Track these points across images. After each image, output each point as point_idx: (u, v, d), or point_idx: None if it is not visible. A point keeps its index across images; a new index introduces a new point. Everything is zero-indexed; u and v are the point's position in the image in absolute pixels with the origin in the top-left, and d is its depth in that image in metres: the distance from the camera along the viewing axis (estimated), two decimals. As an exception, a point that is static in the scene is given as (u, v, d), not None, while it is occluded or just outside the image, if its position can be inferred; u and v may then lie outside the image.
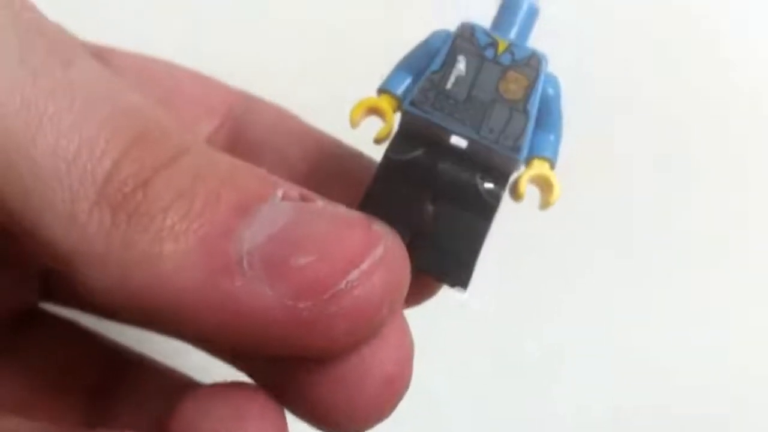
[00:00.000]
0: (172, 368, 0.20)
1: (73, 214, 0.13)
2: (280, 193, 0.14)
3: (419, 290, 0.16)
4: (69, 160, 0.13)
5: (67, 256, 0.13)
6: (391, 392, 0.15)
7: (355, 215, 0.14)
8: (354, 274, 0.13)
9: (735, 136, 0.33)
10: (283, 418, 0.15)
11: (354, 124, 0.16)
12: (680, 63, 0.34)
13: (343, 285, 0.13)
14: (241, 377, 0.17)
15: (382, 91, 0.16)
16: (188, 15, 0.31)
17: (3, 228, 0.14)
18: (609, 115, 0.32)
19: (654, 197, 0.32)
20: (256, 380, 0.16)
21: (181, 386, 0.19)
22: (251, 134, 0.19)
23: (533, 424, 0.29)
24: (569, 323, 0.30)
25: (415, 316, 0.16)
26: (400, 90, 0.16)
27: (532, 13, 0.17)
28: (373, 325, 0.14)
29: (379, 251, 0.13)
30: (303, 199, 0.14)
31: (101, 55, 0.18)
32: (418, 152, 0.15)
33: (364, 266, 0.13)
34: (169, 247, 0.13)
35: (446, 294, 0.16)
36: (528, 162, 0.16)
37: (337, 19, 0.32)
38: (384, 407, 0.15)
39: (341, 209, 0.14)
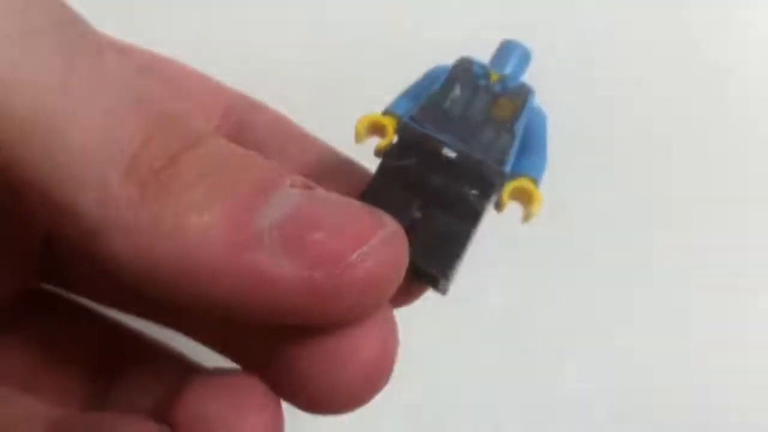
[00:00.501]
0: (171, 348, 0.20)
1: (103, 190, 0.14)
2: (288, 180, 0.15)
3: (403, 290, 0.16)
4: (101, 140, 0.14)
5: (95, 228, 0.14)
6: (373, 378, 0.16)
7: (357, 202, 0.15)
8: (364, 249, 0.14)
9: (735, 136, 0.34)
10: (280, 409, 0.16)
11: (359, 138, 0.18)
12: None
13: (354, 258, 0.14)
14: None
15: (385, 113, 0.18)
16: (194, 16, 0.32)
17: (31, 204, 0.15)
18: (612, 112, 0.33)
19: (663, 194, 0.33)
20: (243, 366, 0.17)
21: (181, 367, 0.20)
22: (250, 136, 0.20)
23: (540, 410, 0.29)
24: (575, 316, 0.30)
25: (420, 310, 0.17)
26: (401, 111, 0.18)
27: (525, 57, 0.19)
28: (380, 297, 0.15)
29: (383, 232, 0.15)
30: (306, 187, 0.15)
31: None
32: (413, 160, 0.17)
33: (373, 243, 0.14)
34: (195, 219, 0.14)
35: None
36: (513, 178, 0.17)
37: (341, 26, 0.33)
38: (364, 392, 0.16)
39: (346, 198, 0.15)
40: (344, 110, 0.17)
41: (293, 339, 0.15)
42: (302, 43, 0.33)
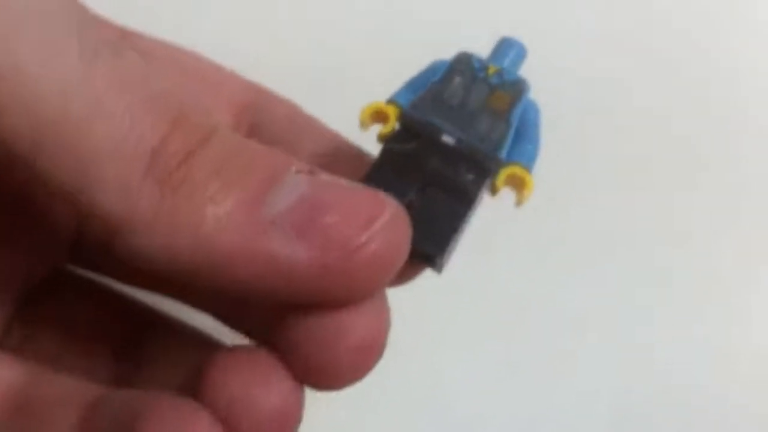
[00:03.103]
0: (191, 326, 0.21)
1: (125, 189, 0.15)
2: (294, 167, 0.16)
3: (401, 270, 0.17)
4: (122, 139, 0.15)
5: (117, 224, 0.15)
6: (365, 356, 0.17)
7: (361, 185, 0.16)
8: (371, 231, 0.15)
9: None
10: (301, 386, 0.17)
11: (364, 125, 0.19)
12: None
13: (363, 239, 0.15)
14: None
15: (389, 102, 0.19)
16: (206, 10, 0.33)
17: (54, 199, 0.16)
18: (611, 111, 0.34)
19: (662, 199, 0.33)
20: (251, 337, 0.18)
21: (202, 345, 0.21)
22: (265, 127, 0.21)
23: (540, 410, 0.30)
24: (575, 316, 0.31)
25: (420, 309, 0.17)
26: (403, 101, 0.19)
27: (521, 53, 0.20)
28: (386, 275, 0.16)
29: (388, 214, 0.16)
30: (311, 173, 0.16)
31: (127, 38, 0.20)
32: (413, 145, 0.18)
33: (379, 224, 0.15)
34: (211, 212, 0.15)
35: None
36: (507, 165, 0.18)
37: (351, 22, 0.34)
38: (357, 368, 0.17)
39: (342, 180, 0.16)
40: (351, 101, 0.19)
41: (294, 316, 0.16)
42: (309, 38, 0.34)
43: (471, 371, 0.30)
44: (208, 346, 0.21)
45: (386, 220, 0.15)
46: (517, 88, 0.19)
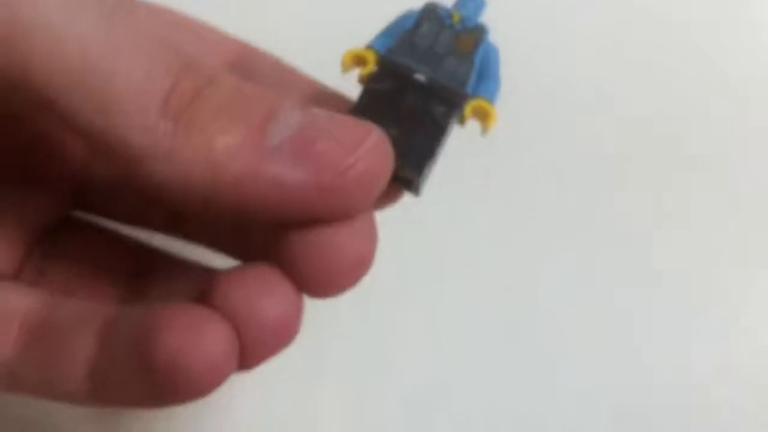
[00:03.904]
0: (193, 260, 0.23)
1: (145, 125, 0.17)
2: (288, 103, 0.18)
3: (383, 193, 0.19)
4: (140, 81, 0.17)
5: (139, 155, 0.17)
6: (357, 267, 0.19)
7: (348, 115, 0.19)
8: (358, 154, 0.18)
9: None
10: (301, 296, 0.18)
11: (345, 68, 0.21)
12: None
13: (352, 161, 0.17)
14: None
15: (367, 48, 0.21)
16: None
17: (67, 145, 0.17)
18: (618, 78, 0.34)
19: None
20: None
21: (205, 272, 0.23)
22: (255, 74, 0.23)
23: (540, 410, 0.30)
24: (575, 316, 0.31)
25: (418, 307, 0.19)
26: (380, 47, 0.21)
27: (481, 3, 0.22)
28: (372, 193, 0.18)
29: (374, 137, 0.18)
30: (303, 108, 0.19)
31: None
32: (390, 84, 0.20)
33: (364, 148, 0.18)
34: (221, 142, 0.17)
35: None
36: (472, 99, 0.21)
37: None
38: (350, 278, 0.19)
39: (335, 113, 0.19)
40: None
41: (293, 234, 0.18)
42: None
43: (470, 371, 0.31)
44: (210, 272, 0.23)
45: (372, 144, 0.18)
46: (478, 33, 0.21)
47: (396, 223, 0.23)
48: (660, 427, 0.30)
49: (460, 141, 0.21)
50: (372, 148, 0.18)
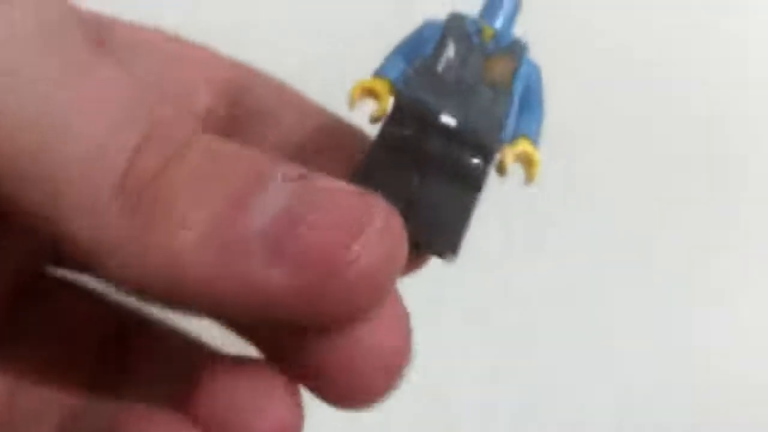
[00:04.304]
0: (182, 331, 0.21)
1: (93, 212, 0.14)
2: (279, 175, 0.15)
3: (408, 262, 0.16)
4: (90, 163, 0.14)
5: (89, 250, 0.14)
6: (391, 368, 0.16)
7: (352, 190, 0.15)
8: (356, 247, 0.14)
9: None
10: (301, 402, 0.16)
11: (352, 105, 0.17)
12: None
13: (346, 257, 0.14)
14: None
15: (377, 75, 0.17)
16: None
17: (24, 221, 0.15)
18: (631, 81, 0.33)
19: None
20: (262, 350, 0.17)
21: (195, 352, 0.20)
22: (249, 101, 0.20)
23: (540, 410, 0.30)
24: (574, 316, 0.31)
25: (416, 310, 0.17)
26: (394, 74, 0.17)
27: (516, 6, 0.18)
28: (378, 292, 0.14)
29: (378, 223, 0.14)
30: (301, 178, 0.15)
31: (103, 25, 0.19)
32: (411, 130, 0.17)
33: (365, 238, 0.14)
34: (182, 236, 0.14)
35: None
36: (513, 141, 0.17)
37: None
38: (386, 383, 0.16)
39: (337, 184, 0.15)
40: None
41: (306, 335, 0.15)
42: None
43: (470, 371, 0.30)
44: (197, 350, 0.20)
45: (374, 232, 0.14)
46: (515, 53, 0.17)
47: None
48: (660, 427, 0.30)
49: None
50: (374, 238, 0.14)
